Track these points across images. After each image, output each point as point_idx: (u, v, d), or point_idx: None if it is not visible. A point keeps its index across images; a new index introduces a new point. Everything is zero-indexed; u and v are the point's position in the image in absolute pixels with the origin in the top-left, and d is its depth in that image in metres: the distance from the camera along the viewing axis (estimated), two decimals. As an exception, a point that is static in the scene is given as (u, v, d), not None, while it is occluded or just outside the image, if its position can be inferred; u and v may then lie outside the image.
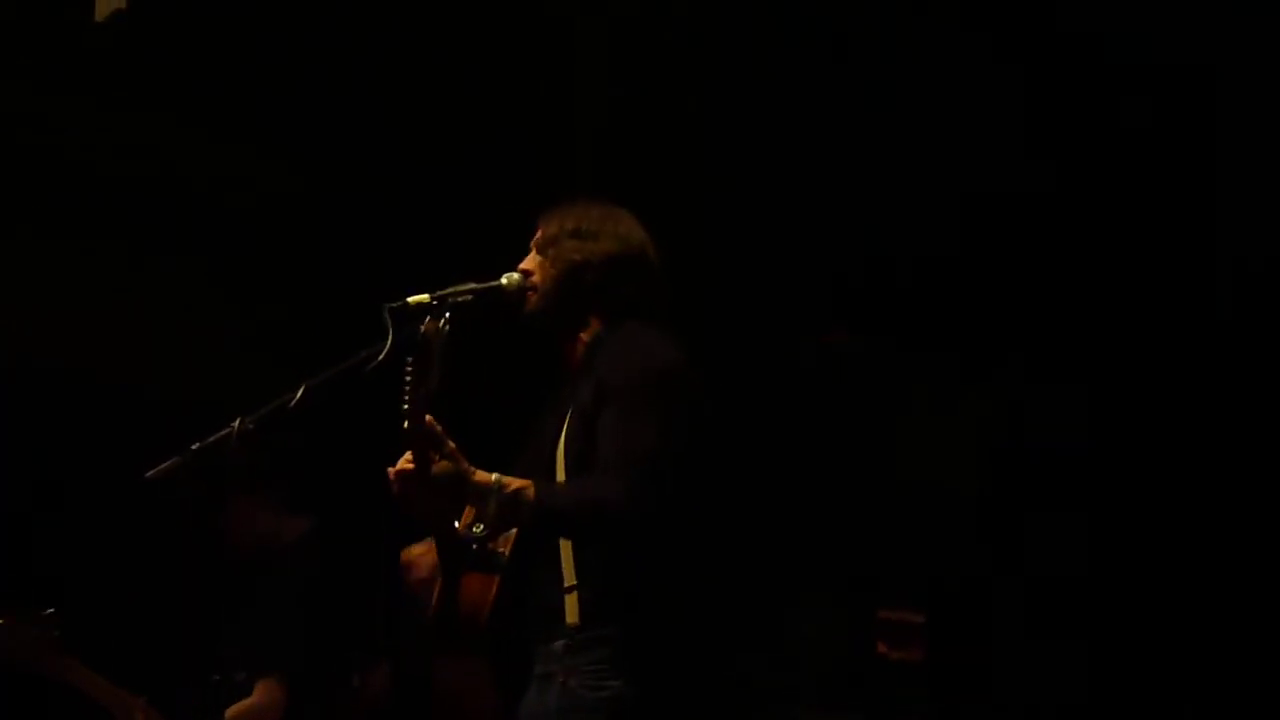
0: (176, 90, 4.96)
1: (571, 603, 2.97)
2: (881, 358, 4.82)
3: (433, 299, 2.99)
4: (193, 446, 3.03)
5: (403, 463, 2.86)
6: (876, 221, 4.81)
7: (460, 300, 3.00)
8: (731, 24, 4.83)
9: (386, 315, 2.95)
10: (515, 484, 2.84)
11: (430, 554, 3.10)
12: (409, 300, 2.99)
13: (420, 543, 3.14)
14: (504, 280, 3.14)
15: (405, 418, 2.80)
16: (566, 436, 3.03)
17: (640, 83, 4.96)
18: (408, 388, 2.79)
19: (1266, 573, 4.26)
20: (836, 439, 4.81)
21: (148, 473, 3.01)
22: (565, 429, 3.04)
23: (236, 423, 3.01)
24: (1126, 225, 4.52)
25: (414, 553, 3.15)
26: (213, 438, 3.03)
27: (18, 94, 4.89)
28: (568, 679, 2.93)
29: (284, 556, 4.13)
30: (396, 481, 2.87)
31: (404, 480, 2.86)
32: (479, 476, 2.83)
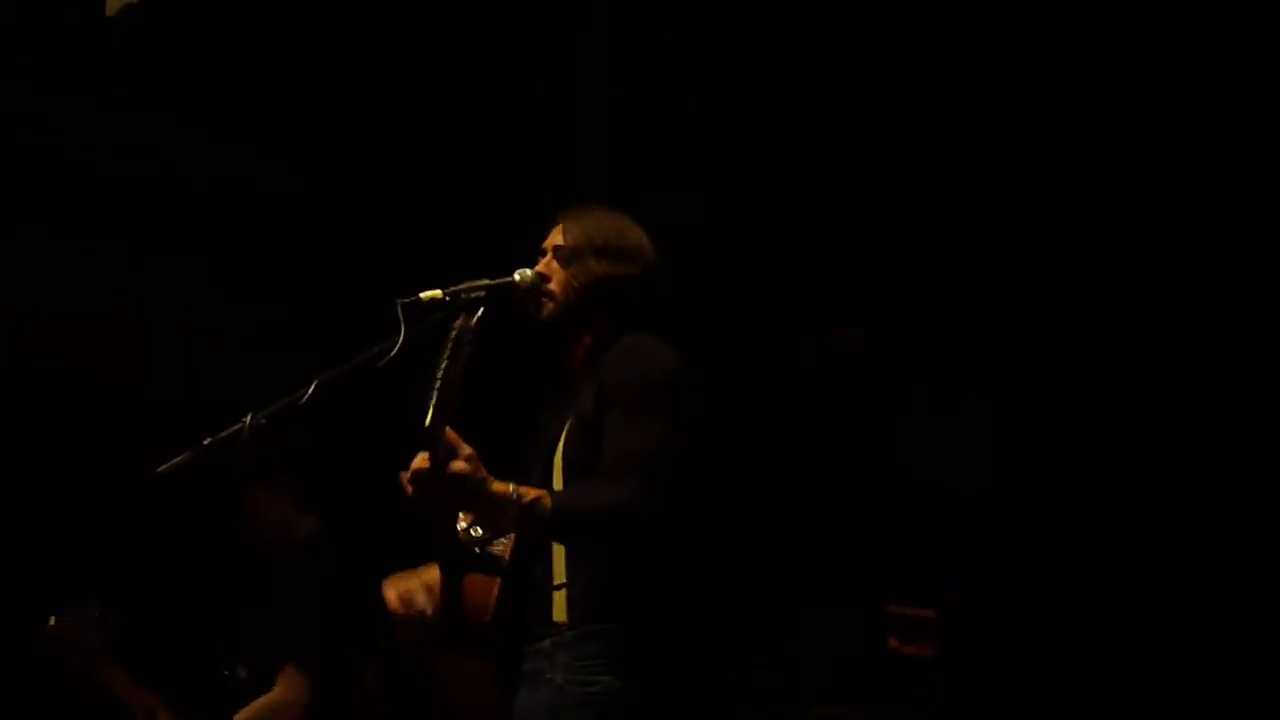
0: (177, 90, 4.96)
1: (560, 600, 2.97)
2: (882, 356, 4.82)
3: (445, 294, 3.00)
4: (204, 441, 3.02)
5: (419, 462, 2.79)
6: (877, 221, 4.81)
7: (474, 296, 3.00)
8: (731, 24, 4.84)
9: (399, 310, 2.96)
10: (532, 494, 2.80)
11: (407, 583, 3.08)
12: (421, 296, 3.00)
13: (397, 577, 3.10)
14: (517, 276, 3.13)
15: (429, 415, 2.72)
16: (566, 440, 3.03)
17: (640, 83, 4.97)
18: (437, 385, 2.73)
19: (1266, 573, 4.27)
20: (837, 438, 4.81)
21: (160, 467, 3.00)
22: (565, 433, 3.04)
23: (248, 418, 3.00)
24: (1126, 225, 4.54)
25: (400, 589, 3.11)
26: (225, 433, 3.01)
27: (18, 94, 4.89)
28: (556, 676, 2.93)
29: (298, 552, 4.13)
30: (413, 481, 2.79)
31: (421, 481, 2.78)
32: (497, 486, 2.77)
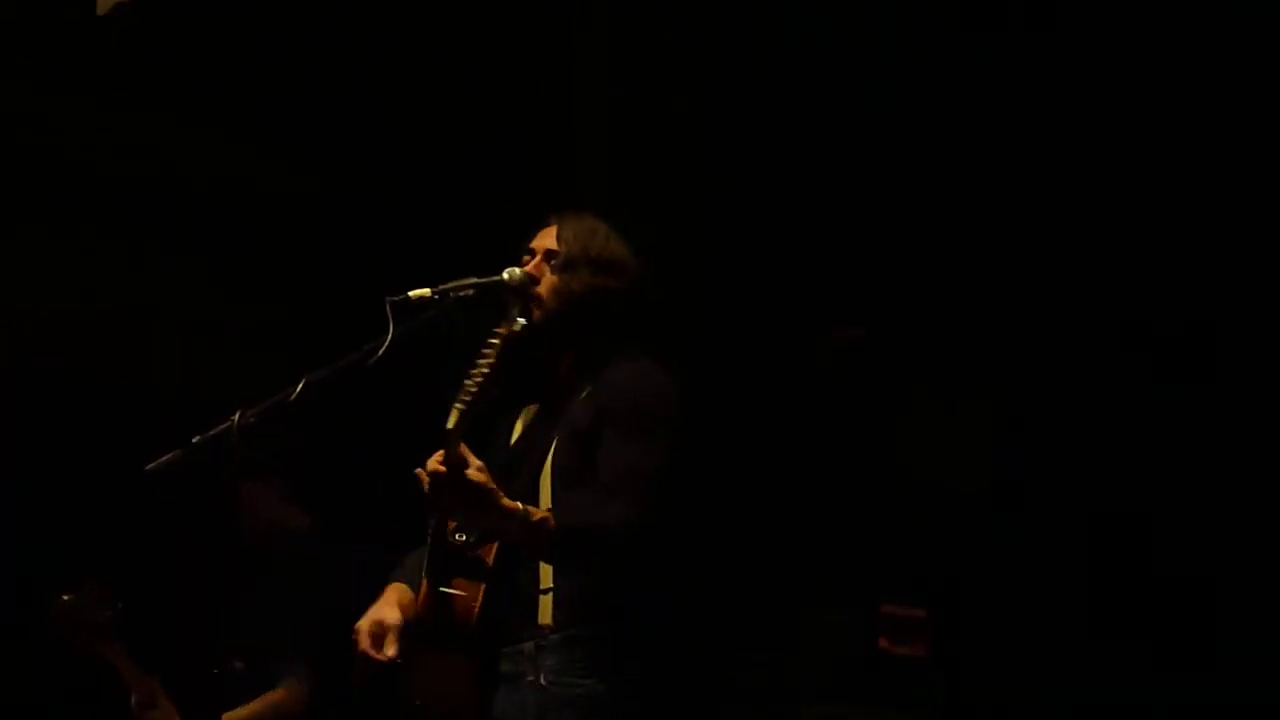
0: (177, 90, 4.97)
1: (546, 604, 2.99)
2: (882, 356, 4.81)
3: (434, 293, 3.01)
4: (193, 439, 3.03)
5: (434, 463, 2.80)
6: (876, 221, 4.80)
7: (462, 294, 3.01)
8: (731, 24, 4.83)
9: (387, 308, 2.96)
10: (538, 514, 2.83)
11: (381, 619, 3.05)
12: (410, 294, 3.00)
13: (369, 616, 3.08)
14: (505, 275, 3.13)
15: (453, 417, 2.74)
16: (555, 453, 3.05)
17: (640, 83, 4.96)
18: (471, 390, 2.74)
19: (1266, 573, 4.26)
20: (836, 437, 4.80)
21: (147, 466, 3.01)
22: (555, 446, 3.06)
23: (237, 415, 3.01)
24: (1125, 225, 4.52)
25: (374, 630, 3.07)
26: (213, 431, 3.03)
27: (18, 94, 4.90)
28: (539, 678, 2.95)
29: (290, 549, 4.14)
30: (430, 482, 2.80)
31: (438, 483, 2.79)
32: (506, 501, 2.79)
